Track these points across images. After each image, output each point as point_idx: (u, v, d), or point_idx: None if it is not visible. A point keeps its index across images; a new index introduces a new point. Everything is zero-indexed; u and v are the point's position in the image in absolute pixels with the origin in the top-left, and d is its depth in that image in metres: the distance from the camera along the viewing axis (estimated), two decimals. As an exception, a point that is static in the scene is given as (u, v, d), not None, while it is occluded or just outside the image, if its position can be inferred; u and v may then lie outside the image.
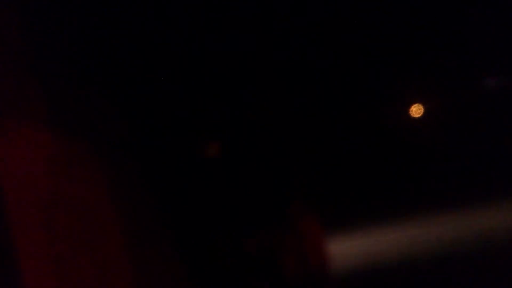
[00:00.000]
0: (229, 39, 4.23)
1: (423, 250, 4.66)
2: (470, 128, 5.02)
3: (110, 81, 3.73)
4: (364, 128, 4.96)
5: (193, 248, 3.90)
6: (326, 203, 4.24)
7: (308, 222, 4.01)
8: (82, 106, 3.59)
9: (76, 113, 3.54)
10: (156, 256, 3.77)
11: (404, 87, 5.07)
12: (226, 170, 4.03)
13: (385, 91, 4.99)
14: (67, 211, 3.33)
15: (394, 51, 4.88)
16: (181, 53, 4.14)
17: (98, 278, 3.35)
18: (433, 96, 5.14)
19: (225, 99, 4.35)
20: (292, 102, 4.45)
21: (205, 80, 4.30)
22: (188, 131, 4.12)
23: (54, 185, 3.31)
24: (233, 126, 4.18)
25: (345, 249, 4.44)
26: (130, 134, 3.81)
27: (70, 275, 3.22)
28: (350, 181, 4.82)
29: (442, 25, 4.87)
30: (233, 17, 4.26)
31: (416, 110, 5.21)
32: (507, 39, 4.89)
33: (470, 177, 5.06)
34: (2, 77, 3.28)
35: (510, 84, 5.11)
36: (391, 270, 4.52)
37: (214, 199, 3.99)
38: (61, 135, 3.41)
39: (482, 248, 4.54)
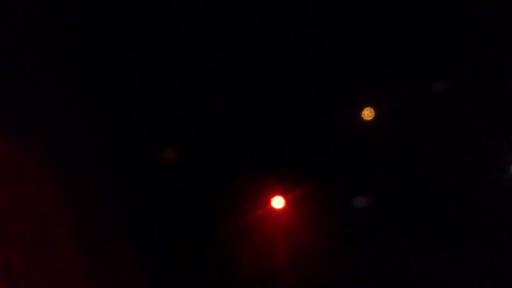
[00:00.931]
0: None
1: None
2: (419, 130, 5.19)
3: (61, 84, 3.70)
4: (318, 131, 5.07)
5: (147, 251, 3.92)
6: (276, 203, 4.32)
7: (264, 225, 4.09)
8: (33, 110, 3.54)
9: (28, 118, 3.49)
10: (110, 260, 3.76)
11: (356, 91, 5.19)
12: (178, 175, 4.06)
13: (338, 95, 5.10)
14: (16, 217, 3.28)
15: (346, 57, 4.99)
16: (137, 58, 4.15)
17: (51, 284, 3.33)
18: (384, 99, 5.28)
19: (176, 109, 4.38)
20: (244, 108, 4.49)
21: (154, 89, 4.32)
22: (137, 135, 4.14)
23: (4, 191, 3.26)
24: (184, 132, 4.22)
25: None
26: (83, 138, 3.79)
27: (22, 281, 3.19)
28: (302, 180, 4.93)
29: (392, 33, 5.01)
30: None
31: (368, 114, 5.33)
32: (454, 46, 5.08)
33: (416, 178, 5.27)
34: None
35: (456, 87, 5.28)
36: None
37: (165, 203, 4.02)
38: (9, 142, 3.36)
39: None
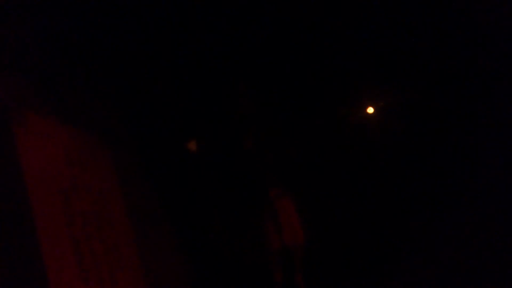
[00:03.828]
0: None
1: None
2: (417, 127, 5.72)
3: (115, 83, 4.09)
4: (324, 126, 5.58)
5: (190, 229, 4.34)
6: (298, 188, 4.74)
7: (284, 204, 4.49)
8: (92, 105, 3.97)
9: (88, 112, 3.92)
10: (160, 238, 4.17)
11: (358, 91, 5.70)
12: (214, 165, 4.46)
13: (341, 95, 5.61)
14: (82, 197, 3.71)
15: (348, 59, 5.48)
16: (170, 54, 4.53)
17: (109, 258, 3.73)
18: (383, 98, 5.80)
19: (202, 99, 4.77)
20: (263, 103, 4.90)
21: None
22: (179, 129, 4.54)
23: (71, 174, 3.68)
24: (213, 124, 4.60)
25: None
26: (134, 130, 4.19)
27: (86, 255, 3.60)
28: (315, 169, 5.45)
29: (389, 37, 5.50)
30: None
31: (369, 112, 5.87)
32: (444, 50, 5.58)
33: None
34: (24, 81, 3.65)
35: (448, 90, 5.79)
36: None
37: (204, 189, 4.43)
38: (75, 132, 3.79)
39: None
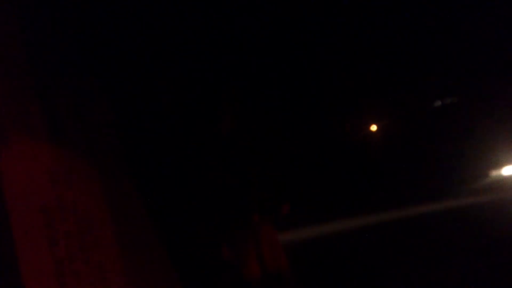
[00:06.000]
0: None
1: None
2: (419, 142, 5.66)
3: (103, 98, 4.00)
4: (327, 142, 5.48)
5: (178, 251, 4.24)
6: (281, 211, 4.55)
7: (265, 229, 4.30)
8: (78, 121, 3.87)
9: (73, 128, 3.83)
10: (149, 260, 4.08)
11: (363, 107, 5.60)
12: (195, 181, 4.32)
13: (347, 110, 5.50)
14: (66, 217, 3.61)
15: (352, 75, 5.38)
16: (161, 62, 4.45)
17: (94, 279, 3.62)
18: (388, 115, 5.71)
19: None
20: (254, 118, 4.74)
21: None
22: (169, 144, 4.44)
23: (55, 194, 3.58)
24: (196, 140, 4.46)
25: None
26: (122, 146, 4.09)
27: (68, 275, 3.51)
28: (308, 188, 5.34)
29: (396, 53, 5.41)
30: None
31: (373, 127, 5.78)
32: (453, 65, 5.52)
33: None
34: (6, 95, 3.54)
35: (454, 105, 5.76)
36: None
37: (193, 210, 4.32)
38: (60, 147, 3.67)
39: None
